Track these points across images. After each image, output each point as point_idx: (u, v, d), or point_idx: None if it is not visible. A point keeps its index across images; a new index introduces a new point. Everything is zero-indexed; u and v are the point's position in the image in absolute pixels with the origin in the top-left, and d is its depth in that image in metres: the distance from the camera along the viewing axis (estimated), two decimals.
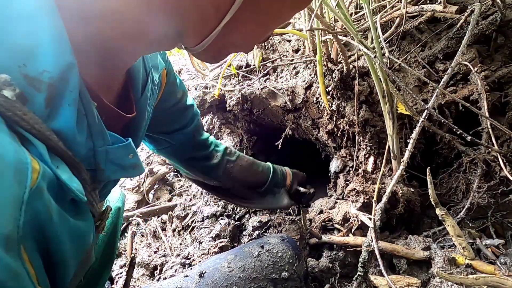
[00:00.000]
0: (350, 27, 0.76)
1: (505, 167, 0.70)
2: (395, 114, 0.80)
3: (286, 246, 0.75)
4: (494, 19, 0.78)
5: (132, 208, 1.33)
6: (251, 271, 0.68)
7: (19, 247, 0.25)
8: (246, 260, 0.71)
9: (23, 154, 0.27)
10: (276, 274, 0.69)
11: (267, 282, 0.68)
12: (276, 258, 0.72)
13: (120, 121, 0.48)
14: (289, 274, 0.70)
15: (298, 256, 0.74)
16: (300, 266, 0.73)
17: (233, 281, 0.67)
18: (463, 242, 0.68)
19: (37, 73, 0.30)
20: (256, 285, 0.67)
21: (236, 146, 1.46)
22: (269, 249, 0.73)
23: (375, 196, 0.77)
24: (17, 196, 0.25)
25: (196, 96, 1.25)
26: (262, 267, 0.70)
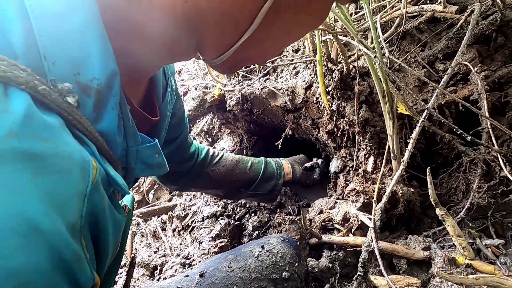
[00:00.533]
0: (350, 27, 0.76)
1: (505, 167, 0.70)
2: (395, 114, 0.80)
3: (287, 246, 0.75)
4: (494, 19, 0.78)
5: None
6: (252, 271, 0.68)
7: (80, 234, 0.29)
8: (246, 260, 0.71)
9: (85, 153, 0.30)
10: (276, 274, 0.69)
11: (267, 282, 0.68)
12: (277, 258, 0.71)
13: (146, 124, 0.52)
14: (289, 274, 0.70)
15: (299, 256, 0.74)
16: (300, 266, 0.73)
17: (233, 281, 0.67)
18: (463, 242, 0.68)
19: (88, 81, 0.33)
20: (256, 285, 0.67)
21: (236, 146, 1.46)
22: (269, 249, 0.73)
23: (375, 196, 0.77)
24: (82, 190, 0.29)
25: (196, 96, 1.25)
26: (262, 267, 0.70)
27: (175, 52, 0.43)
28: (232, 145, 1.48)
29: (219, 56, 0.42)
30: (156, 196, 1.46)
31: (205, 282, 0.66)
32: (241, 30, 0.39)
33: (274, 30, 0.40)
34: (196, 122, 1.71)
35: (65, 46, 0.32)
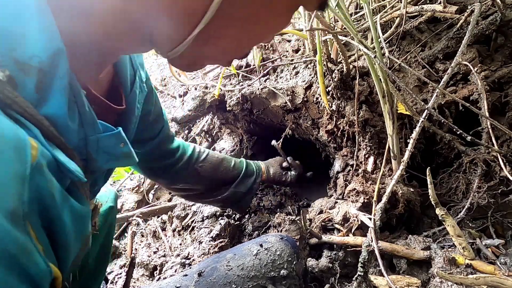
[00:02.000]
0: (350, 27, 0.76)
1: (505, 167, 0.70)
2: (395, 114, 0.80)
3: (285, 245, 0.75)
4: (494, 19, 0.78)
5: (132, 208, 1.33)
6: (250, 270, 0.68)
7: (25, 222, 0.26)
8: (245, 258, 0.71)
9: (20, 131, 0.27)
10: (275, 272, 0.69)
11: (265, 280, 0.68)
12: (275, 256, 0.71)
13: (111, 113, 0.49)
14: (288, 272, 0.70)
15: (297, 254, 0.74)
16: (299, 264, 0.73)
17: (232, 279, 0.66)
18: (463, 242, 0.68)
19: (26, 58, 0.30)
20: (255, 283, 0.67)
21: (236, 146, 1.46)
22: (268, 247, 0.73)
23: (375, 196, 0.77)
24: (20, 172, 0.25)
25: (196, 96, 1.25)
26: (261, 265, 0.69)
27: (125, 37, 0.40)
28: (232, 145, 1.48)
29: (173, 49, 0.40)
30: (156, 196, 1.46)
31: (204, 281, 0.66)
32: (195, 22, 0.36)
33: (232, 27, 0.38)
34: (196, 122, 1.71)
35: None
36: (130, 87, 0.53)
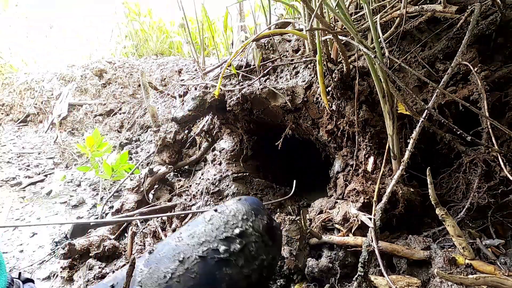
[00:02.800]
0: (350, 27, 0.76)
1: (505, 167, 0.70)
2: (395, 114, 0.80)
3: (242, 204, 0.70)
4: (494, 19, 0.78)
5: (132, 208, 1.33)
6: (201, 236, 0.64)
7: None
8: (196, 227, 0.67)
9: None
10: (227, 233, 0.64)
11: (217, 243, 0.63)
12: (229, 218, 0.67)
13: None
14: (242, 230, 0.65)
15: (255, 211, 0.69)
16: (258, 221, 0.68)
17: (181, 250, 0.63)
18: (463, 242, 0.68)
19: None
20: (205, 248, 0.63)
21: (236, 146, 1.46)
22: (222, 210, 0.69)
23: (375, 196, 0.77)
24: None
25: (196, 96, 1.25)
26: (212, 229, 0.65)
27: None
28: (232, 145, 1.48)
29: None
30: (156, 196, 1.46)
31: (153, 257, 0.64)
32: None
33: None
34: (196, 122, 1.71)
35: None
36: None
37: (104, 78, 3.06)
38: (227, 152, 1.43)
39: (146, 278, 0.59)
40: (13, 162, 2.37)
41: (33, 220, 1.59)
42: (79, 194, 1.86)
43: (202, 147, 1.65)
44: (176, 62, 3.15)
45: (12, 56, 3.67)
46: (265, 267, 0.64)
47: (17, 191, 1.94)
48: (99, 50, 3.98)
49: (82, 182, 2.00)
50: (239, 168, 1.36)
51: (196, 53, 1.70)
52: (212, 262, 0.61)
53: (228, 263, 0.61)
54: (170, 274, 0.59)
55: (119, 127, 2.63)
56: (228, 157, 1.40)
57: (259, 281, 0.64)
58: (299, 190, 1.29)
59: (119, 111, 2.76)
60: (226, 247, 0.62)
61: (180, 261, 0.61)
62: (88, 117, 2.81)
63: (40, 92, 3.18)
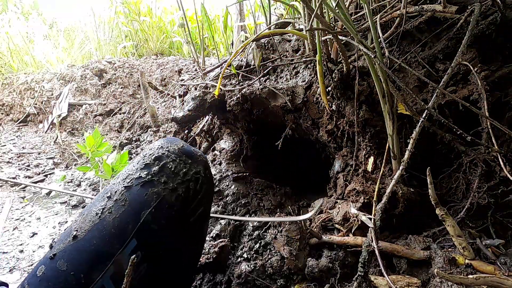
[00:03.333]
0: (350, 27, 0.76)
1: (505, 167, 0.70)
2: (395, 114, 0.80)
3: (159, 141, 0.70)
4: (494, 19, 0.78)
5: None
6: (124, 174, 0.65)
7: None
8: (124, 171, 0.67)
9: None
10: (146, 161, 0.65)
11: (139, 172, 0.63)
12: (146, 152, 0.67)
13: None
14: (158, 155, 0.65)
15: (170, 141, 0.69)
16: (173, 146, 0.68)
17: (108, 189, 0.63)
18: (463, 242, 0.68)
19: None
20: (129, 180, 0.63)
21: (236, 146, 1.46)
22: (143, 149, 0.69)
23: (375, 196, 0.77)
24: None
25: (196, 96, 1.25)
26: (134, 165, 0.66)
27: None
28: (232, 145, 1.48)
29: None
30: None
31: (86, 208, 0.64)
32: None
33: None
34: (196, 122, 1.71)
35: None
36: None
37: (104, 78, 3.06)
38: (227, 152, 1.43)
39: (80, 223, 0.60)
40: (13, 162, 2.37)
41: (33, 220, 1.59)
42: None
43: (202, 147, 1.65)
44: (176, 62, 3.15)
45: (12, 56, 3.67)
46: (190, 180, 0.66)
47: (17, 191, 1.94)
48: (99, 50, 3.98)
49: (82, 182, 2.00)
50: (239, 168, 1.36)
51: (196, 53, 1.70)
52: (138, 188, 0.62)
53: (151, 183, 0.63)
54: (101, 210, 0.61)
55: (119, 127, 2.63)
56: (228, 157, 1.40)
57: (189, 194, 0.65)
58: (299, 190, 1.29)
59: (119, 111, 2.76)
60: (146, 171, 0.64)
61: (108, 197, 0.62)
62: (88, 117, 2.81)
63: (40, 92, 3.18)
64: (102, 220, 0.60)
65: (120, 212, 0.60)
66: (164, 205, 0.62)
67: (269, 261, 0.88)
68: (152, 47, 3.96)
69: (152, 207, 0.61)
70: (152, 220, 0.60)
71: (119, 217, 0.59)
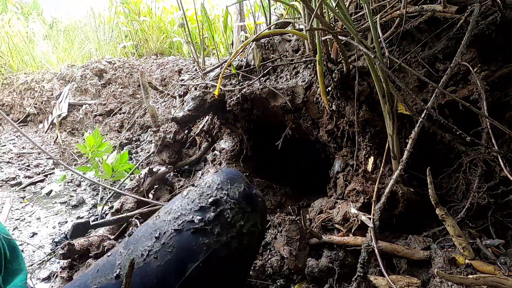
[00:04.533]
0: (350, 27, 0.76)
1: (505, 167, 0.70)
2: (395, 114, 0.80)
3: (218, 175, 0.67)
4: (494, 19, 0.78)
5: (132, 208, 1.33)
6: (177, 211, 0.62)
7: None
8: (173, 203, 0.65)
9: None
10: (202, 203, 0.62)
11: (192, 214, 0.60)
12: (204, 189, 0.64)
13: None
14: (216, 199, 0.62)
15: (231, 180, 0.66)
16: (233, 188, 0.65)
17: (157, 227, 0.61)
18: (463, 242, 0.68)
19: None
20: (181, 221, 0.60)
21: (236, 146, 1.46)
22: (198, 184, 0.67)
23: (374, 196, 0.77)
24: None
25: (196, 96, 1.25)
26: (188, 203, 0.63)
27: None
28: (232, 145, 1.48)
29: None
30: (156, 196, 1.46)
31: (131, 239, 0.62)
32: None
33: None
34: (196, 122, 1.71)
35: None
36: None
37: (104, 78, 3.06)
38: (227, 152, 1.43)
39: (125, 260, 0.58)
40: (13, 162, 2.37)
41: (33, 220, 1.59)
42: (79, 194, 1.86)
43: (202, 147, 1.65)
44: (176, 62, 3.15)
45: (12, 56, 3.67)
46: (245, 234, 0.61)
47: (17, 191, 1.94)
48: (99, 50, 3.98)
49: (82, 182, 2.00)
50: (239, 168, 1.36)
51: (196, 53, 1.70)
52: (188, 234, 0.58)
53: (204, 232, 0.58)
54: (147, 252, 0.58)
55: (119, 127, 2.63)
56: (228, 157, 1.40)
57: (241, 250, 0.61)
58: (299, 190, 1.29)
59: (119, 111, 2.76)
60: (200, 217, 0.60)
61: (157, 237, 0.59)
62: (88, 117, 2.81)
63: (40, 92, 3.18)
64: (146, 264, 0.56)
65: (166, 259, 0.56)
66: (213, 260, 0.57)
67: (269, 261, 0.88)
68: (152, 47, 3.96)
69: (200, 260, 0.56)
70: (197, 274, 0.56)
71: (164, 266, 0.56)
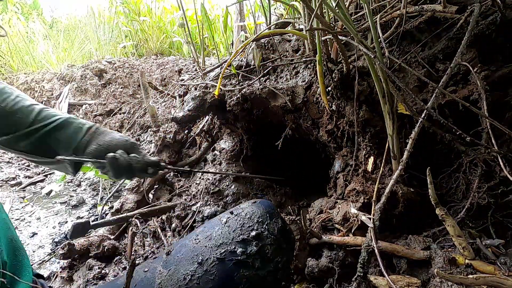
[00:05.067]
0: (350, 27, 0.76)
1: (505, 167, 0.70)
2: (395, 114, 0.80)
3: (257, 207, 0.71)
4: (494, 19, 0.78)
5: (132, 208, 1.33)
6: (218, 238, 0.66)
7: None
8: (213, 229, 0.68)
9: None
10: (244, 235, 0.66)
11: (235, 245, 0.65)
12: (245, 220, 0.68)
13: None
14: (258, 233, 0.66)
15: (270, 214, 0.71)
16: (272, 224, 0.69)
17: (199, 251, 0.64)
18: (463, 242, 0.68)
19: None
20: (223, 250, 0.64)
21: (236, 146, 1.46)
22: (238, 213, 0.70)
23: (374, 196, 0.77)
24: None
25: (196, 96, 1.25)
26: (229, 231, 0.67)
27: None
28: (232, 145, 1.48)
29: None
30: (156, 196, 1.46)
31: (171, 259, 0.64)
32: None
33: None
34: (196, 122, 1.71)
35: None
36: None
37: (104, 78, 3.06)
38: (227, 152, 1.43)
39: (166, 280, 0.60)
40: (13, 162, 2.37)
41: (33, 220, 1.59)
42: (79, 194, 1.86)
43: (202, 147, 1.65)
44: (176, 62, 3.15)
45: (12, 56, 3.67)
46: (280, 269, 0.66)
47: (17, 191, 1.94)
48: (99, 50, 3.98)
49: (82, 182, 2.00)
50: (239, 168, 1.36)
51: (196, 53, 1.70)
52: (230, 264, 0.62)
53: (245, 264, 0.62)
54: (190, 276, 0.60)
55: (119, 127, 2.63)
56: (228, 157, 1.40)
57: (274, 284, 0.65)
58: (299, 190, 1.29)
59: (119, 111, 2.76)
60: (243, 249, 0.64)
61: (199, 263, 0.62)
62: (88, 117, 2.81)
63: (40, 92, 3.18)
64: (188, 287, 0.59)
65: (208, 286, 0.60)
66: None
67: None
68: (152, 47, 3.96)
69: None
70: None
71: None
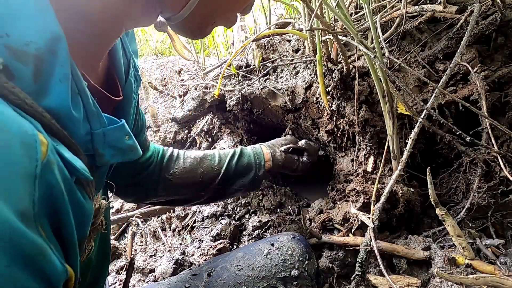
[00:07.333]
0: (350, 27, 0.76)
1: (505, 168, 0.70)
2: (395, 114, 0.80)
3: (297, 244, 0.73)
4: (494, 19, 0.78)
5: (132, 208, 1.33)
6: (261, 270, 0.67)
7: (36, 223, 0.24)
8: (255, 258, 0.70)
9: (28, 125, 0.25)
10: (285, 273, 0.68)
11: (276, 280, 0.67)
12: (286, 256, 0.70)
13: (108, 105, 0.46)
14: (299, 272, 0.68)
15: (309, 254, 0.73)
16: (310, 264, 0.71)
17: (242, 280, 0.66)
18: (463, 242, 0.68)
19: (22, 44, 0.27)
20: (265, 284, 0.66)
21: (236, 146, 1.46)
22: (279, 247, 0.72)
23: (373, 196, 0.77)
24: (30, 170, 0.24)
25: (196, 96, 1.25)
26: (271, 265, 0.69)
27: (133, 8, 0.39)
28: (232, 145, 1.48)
29: (180, 10, 0.40)
30: None
31: (214, 281, 0.66)
32: None
33: None
34: (196, 122, 1.71)
35: None
36: (125, 76, 0.50)
37: None
38: None
39: None
40: None
41: None
42: None
43: (202, 147, 1.65)
44: (176, 62, 3.15)
45: None
46: None
47: None
48: None
49: None
50: None
51: (196, 53, 1.70)
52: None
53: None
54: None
55: None
56: None
57: None
58: (299, 190, 1.29)
59: None
60: (284, 286, 0.66)
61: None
62: None
63: None
64: None
65: None
66: None
67: None
68: (152, 47, 3.96)
69: None
70: None
71: None
